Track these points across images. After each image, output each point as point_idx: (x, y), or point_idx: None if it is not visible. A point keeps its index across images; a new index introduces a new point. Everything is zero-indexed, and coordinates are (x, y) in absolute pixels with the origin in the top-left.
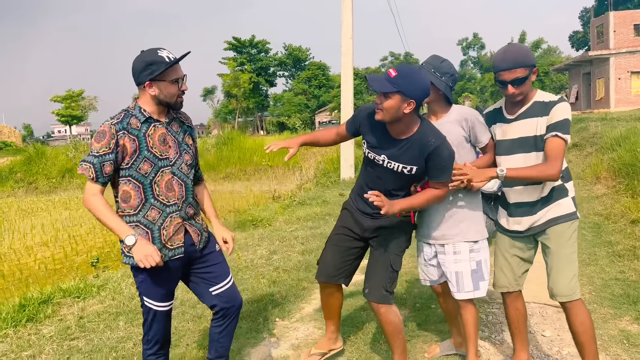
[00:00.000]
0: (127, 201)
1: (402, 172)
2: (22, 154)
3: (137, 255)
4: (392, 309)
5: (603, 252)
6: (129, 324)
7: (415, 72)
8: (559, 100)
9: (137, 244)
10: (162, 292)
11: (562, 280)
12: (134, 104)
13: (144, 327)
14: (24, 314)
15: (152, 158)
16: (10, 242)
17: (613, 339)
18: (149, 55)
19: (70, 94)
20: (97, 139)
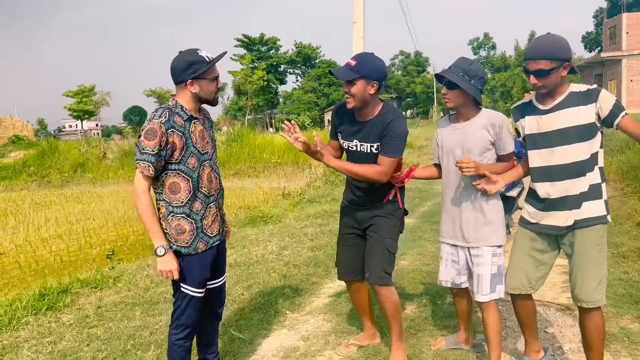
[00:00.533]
0: (175, 192)
1: (372, 152)
2: (36, 148)
3: (161, 266)
4: (391, 289)
5: (608, 253)
6: (145, 314)
7: (371, 57)
8: (598, 87)
9: (165, 256)
10: (199, 278)
11: (589, 286)
12: (174, 102)
13: (174, 314)
14: (44, 302)
15: (197, 153)
16: (26, 234)
17: (614, 337)
18: (190, 55)
19: (82, 89)
20: (149, 137)
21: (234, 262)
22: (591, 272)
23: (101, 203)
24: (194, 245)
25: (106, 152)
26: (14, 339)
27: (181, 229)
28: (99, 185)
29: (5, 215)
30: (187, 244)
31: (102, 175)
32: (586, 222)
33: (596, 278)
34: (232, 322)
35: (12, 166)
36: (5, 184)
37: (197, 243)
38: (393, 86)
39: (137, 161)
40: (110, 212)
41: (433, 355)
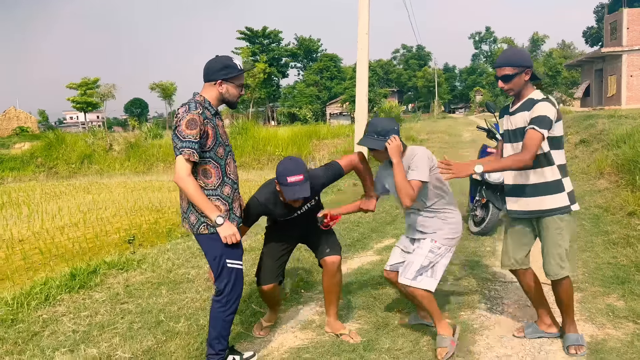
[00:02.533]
0: (208, 177)
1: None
2: (43, 139)
3: (223, 233)
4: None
5: (599, 241)
6: (171, 292)
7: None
8: (542, 99)
9: (224, 224)
10: (239, 252)
11: (551, 263)
12: (202, 98)
13: (224, 290)
14: (76, 282)
15: (223, 144)
16: (41, 222)
17: (600, 312)
18: (226, 59)
19: (86, 82)
20: (190, 127)
21: (249, 247)
22: (552, 251)
23: (110, 193)
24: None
25: (112, 144)
26: (52, 313)
27: (218, 208)
28: (105, 177)
29: (18, 205)
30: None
31: (109, 167)
32: (549, 213)
33: (556, 256)
34: (253, 298)
35: (20, 157)
36: (13, 174)
37: (232, 222)
38: (394, 80)
39: (181, 149)
40: (120, 202)
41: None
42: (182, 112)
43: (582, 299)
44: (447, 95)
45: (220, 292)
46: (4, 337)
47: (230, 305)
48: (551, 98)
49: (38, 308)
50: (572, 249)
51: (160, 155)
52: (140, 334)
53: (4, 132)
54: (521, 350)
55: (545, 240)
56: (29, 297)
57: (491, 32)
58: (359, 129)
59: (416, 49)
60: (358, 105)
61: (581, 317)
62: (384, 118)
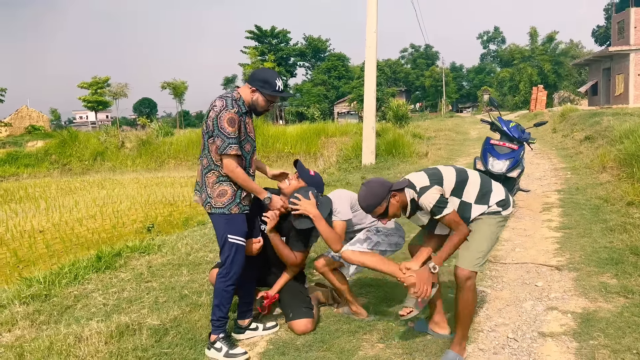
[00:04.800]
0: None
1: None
2: (57, 137)
3: (274, 205)
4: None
5: (597, 228)
6: (191, 272)
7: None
8: (419, 192)
9: (272, 198)
10: (242, 229)
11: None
12: (238, 95)
13: (225, 262)
14: (102, 263)
15: (250, 140)
16: (60, 215)
17: (593, 288)
18: (270, 75)
19: (97, 81)
20: (231, 124)
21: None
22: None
23: (124, 188)
24: (229, 207)
25: (124, 142)
26: (82, 290)
27: (224, 192)
28: (118, 173)
29: (36, 199)
30: (223, 206)
31: (121, 164)
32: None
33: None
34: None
35: (35, 154)
36: (28, 171)
37: (233, 206)
38: (402, 79)
39: (228, 146)
40: (134, 196)
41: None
42: (219, 105)
43: (577, 277)
44: (454, 95)
45: (222, 264)
46: (39, 309)
47: (230, 276)
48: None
49: (68, 286)
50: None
51: (171, 152)
52: (166, 306)
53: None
54: (518, 320)
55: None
56: (59, 277)
57: (500, 31)
58: (367, 128)
59: (424, 49)
60: (366, 104)
61: (575, 292)
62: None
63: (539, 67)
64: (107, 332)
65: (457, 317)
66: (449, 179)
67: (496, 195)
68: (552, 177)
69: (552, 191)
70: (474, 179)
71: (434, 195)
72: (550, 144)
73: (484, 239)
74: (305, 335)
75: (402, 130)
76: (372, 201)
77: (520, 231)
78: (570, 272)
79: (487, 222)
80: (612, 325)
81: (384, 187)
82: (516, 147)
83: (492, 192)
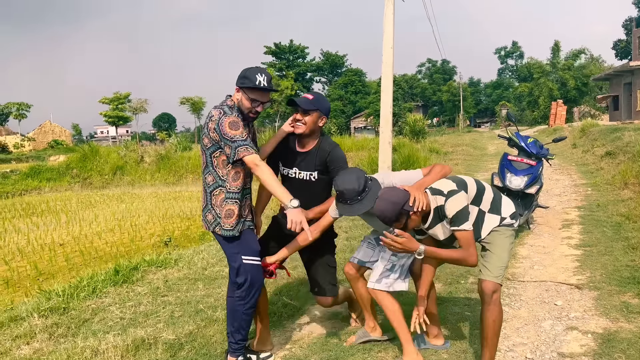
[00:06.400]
0: (236, 180)
1: (310, 179)
2: (78, 151)
3: (292, 216)
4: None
5: (619, 246)
6: (207, 286)
7: (324, 97)
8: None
9: (298, 208)
10: (255, 248)
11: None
12: (232, 103)
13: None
14: (120, 277)
15: (254, 148)
16: (80, 228)
17: (614, 308)
18: (250, 71)
19: (118, 96)
20: (235, 127)
21: None
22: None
23: (142, 202)
24: (238, 229)
25: (144, 156)
26: (100, 303)
27: (231, 212)
28: (137, 187)
29: (57, 213)
30: (232, 227)
31: (140, 178)
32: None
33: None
34: (284, 292)
35: (57, 168)
36: (50, 185)
37: (240, 227)
38: (419, 94)
39: (238, 148)
40: (153, 210)
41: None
42: (216, 115)
43: (598, 297)
44: (472, 110)
45: (240, 286)
46: (58, 322)
47: (249, 299)
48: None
49: (86, 299)
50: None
51: (190, 167)
52: (182, 321)
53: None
54: (536, 340)
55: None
56: (77, 290)
57: (518, 46)
58: (384, 143)
59: (441, 63)
60: (383, 119)
61: (596, 312)
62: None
63: (561, 82)
64: (123, 346)
65: (484, 337)
66: (472, 187)
67: (507, 206)
68: (572, 193)
69: (572, 208)
70: (488, 189)
71: (462, 201)
72: (570, 160)
73: (503, 250)
74: (320, 352)
75: (419, 145)
76: (390, 214)
77: (539, 248)
78: (591, 291)
79: (504, 234)
80: (634, 346)
81: (398, 204)
82: (534, 163)
83: (502, 203)
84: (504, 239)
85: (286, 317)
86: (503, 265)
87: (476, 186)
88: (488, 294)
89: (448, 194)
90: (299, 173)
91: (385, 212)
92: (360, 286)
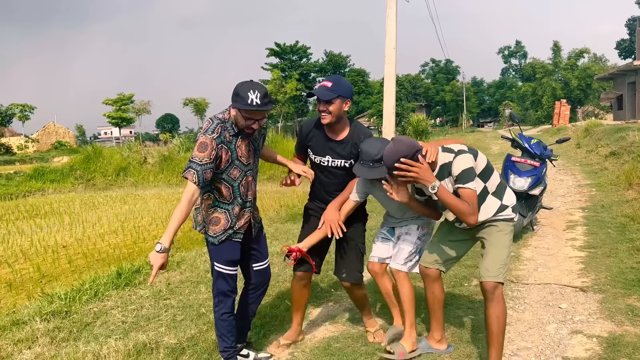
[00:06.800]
0: (221, 194)
1: (344, 167)
2: (82, 152)
3: (150, 258)
4: (364, 285)
5: (624, 247)
6: (209, 289)
7: (343, 79)
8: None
9: (160, 254)
10: (226, 257)
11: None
12: (228, 116)
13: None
14: (122, 280)
15: (240, 165)
16: (83, 230)
17: (619, 311)
18: (242, 88)
19: (121, 97)
20: (200, 149)
21: (280, 251)
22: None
23: (145, 204)
24: (219, 238)
25: (147, 157)
26: (102, 307)
27: (217, 220)
28: (140, 188)
29: (60, 214)
30: (214, 235)
31: (143, 179)
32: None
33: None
34: (287, 296)
35: (60, 170)
36: (54, 186)
37: (222, 236)
38: (422, 94)
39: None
40: (155, 211)
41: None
42: (204, 127)
43: (603, 300)
44: (475, 109)
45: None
46: (60, 326)
47: (221, 306)
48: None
49: (89, 302)
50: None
51: None
52: (184, 325)
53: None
54: (541, 344)
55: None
56: (80, 293)
57: (521, 46)
58: None
59: (444, 63)
60: (385, 119)
61: (601, 315)
62: (376, 141)
63: (564, 81)
64: (124, 350)
65: (490, 335)
66: (482, 160)
67: (510, 196)
68: (576, 194)
69: (576, 209)
70: (496, 174)
71: (469, 161)
72: (574, 160)
73: (501, 248)
74: (322, 356)
75: None
76: (397, 157)
77: (543, 250)
78: (596, 293)
79: (503, 231)
80: (639, 350)
81: (412, 146)
82: (538, 164)
83: (506, 192)
84: (502, 236)
85: (288, 320)
86: (502, 263)
87: (486, 163)
88: (489, 291)
89: (457, 152)
90: (333, 161)
91: (400, 152)
92: (386, 282)
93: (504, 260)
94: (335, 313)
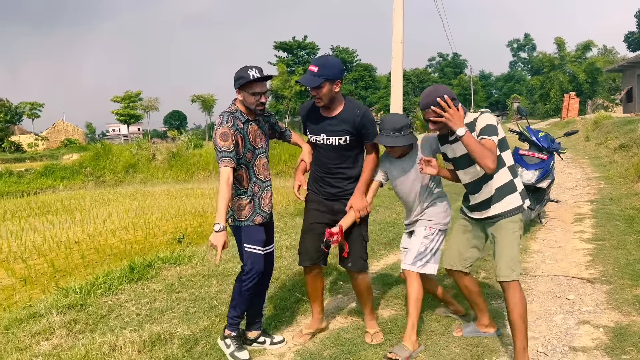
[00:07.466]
0: (241, 182)
1: (340, 144)
2: (91, 150)
3: (212, 240)
4: (368, 274)
5: (632, 239)
6: (221, 282)
7: (330, 59)
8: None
9: (219, 233)
10: (257, 238)
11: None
12: (235, 107)
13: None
14: (135, 274)
15: (252, 149)
16: (94, 226)
17: (627, 301)
18: (240, 70)
19: (129, 95)
20: (223, 139)
21: (290, 245)
22: (506, 252)
23: (155, 200)
24: (251, 220)
25: (155, 154)
26: (116, 300)
27: (242, 206)
28: (149, 185)
29: (71, 211)
30: (246, 218)
31: (152, 175)
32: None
33: (508, 259)
34: (297, 288)
35: (70, 167)
36: (64, 183)
37: (255, 217)
38: None
39: (222, 158)
40: (165, 207)
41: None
42: (217, 122)
43: (610, 291)
44: (483, 103)
45: (243, 269)
46: (76, 318)
47: (248, 282)
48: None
49: (103, 296)
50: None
51: (201, 164)
52: (197, 317)
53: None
54: (548, 334)
55: (500, 243)
56: (94, 287)
57: (530, 38)
58: None
59: (452, 57)
60: (392, 111)
61: (608, 306)
62: (396, 114)
63: (571, 74)
64: (140, 341)
65: (511, 322)
66: (501, 131)
67: (518, 182)
68: (584, 186)
69: (584, 201)
70: (510, 154)
71: (493, 120)
72: (583, 153)
73: (511, 247)
74: (333, 347)
75: None
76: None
77: (551, 242)
78: (603, 285)
79: (511, 229)
80: None
81: (450, 93)
82: (545, 157)
83: (516, 176)
84: (511, 234)
85: (299, 312)
86: (514, 262)
87: (504, 137)
88: (505, 287)
89: (483, 111)
90: (327, 139)
91: (439, 92)
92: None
93: (515, 258)
94: (345, 305)
